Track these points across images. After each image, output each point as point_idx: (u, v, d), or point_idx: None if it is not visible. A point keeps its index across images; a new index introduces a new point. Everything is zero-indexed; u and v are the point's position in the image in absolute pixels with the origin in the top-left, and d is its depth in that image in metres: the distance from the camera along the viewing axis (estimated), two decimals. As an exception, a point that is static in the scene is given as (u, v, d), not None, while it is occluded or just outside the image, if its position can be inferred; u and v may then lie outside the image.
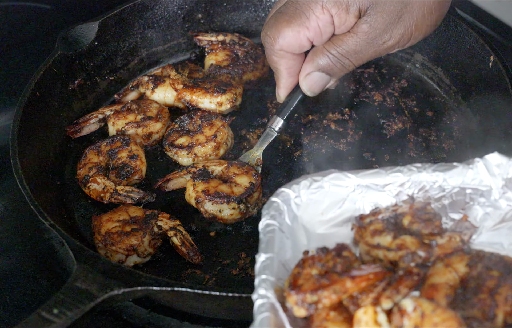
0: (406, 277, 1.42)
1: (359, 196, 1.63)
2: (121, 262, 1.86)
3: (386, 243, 1.53)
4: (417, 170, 1.63)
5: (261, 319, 1.37)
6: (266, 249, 1.49)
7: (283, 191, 1.60)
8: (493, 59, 2.15)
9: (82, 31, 2.30)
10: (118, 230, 1.88)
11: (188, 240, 1.90)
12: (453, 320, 1.32)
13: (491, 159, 1.62)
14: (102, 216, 1.93)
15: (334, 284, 1.40)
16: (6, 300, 1.88)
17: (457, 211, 1.63)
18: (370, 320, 1.35)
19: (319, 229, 1.62)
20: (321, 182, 1.62)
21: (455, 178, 1.62)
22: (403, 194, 1.63)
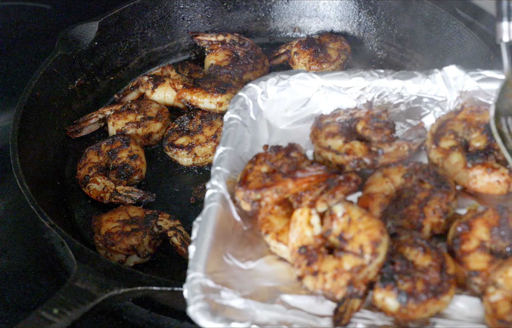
0: (343, 183, 1.48)
1: (322, 96, 1.71)
2: (121, 262, 1.86)
3: (336, 146, 1.61)
4: (378, 76, 1.71)
5: (209, 208, 1.46)
6: (225, 142, 1.57)
7: (250, 86, 1.68)
8: (493, 59, 2.15)
9: (82, 31, 2.30)
10: (118, 230, 1.88)
11: (188, 240, 1.90)
12: (375, 228, 1.39)
13: (449, 71, 1.70)
14: (102, 216, 1.93)
15: (276, 184, 1.48)
16: (6, 300, 1.87)
17: (414, 118, 1.70)
18: (304, 220, 1.43)
19: (282, 125, 1.69)
20: (287, 80, 1.70)
21: (414, 86, 1.70)
22: (363, 98, 1.71)
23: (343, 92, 1.70)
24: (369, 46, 2.50)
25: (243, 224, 1.50)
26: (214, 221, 1.44)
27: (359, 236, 1.39)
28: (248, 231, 1.50)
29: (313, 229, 1.43)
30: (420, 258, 1.41)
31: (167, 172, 2.12)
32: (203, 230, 1.42)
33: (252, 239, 1.49)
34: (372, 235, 1.38)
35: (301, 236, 1.43)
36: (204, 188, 2.06)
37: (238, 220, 1.50)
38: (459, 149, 1.62)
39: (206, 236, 1.41)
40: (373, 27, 2.50)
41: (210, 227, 1.43)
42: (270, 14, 2.57)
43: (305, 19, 2.57)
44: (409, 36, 2.43)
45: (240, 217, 1.50)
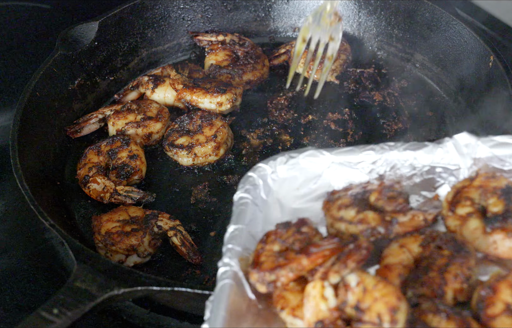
0: (354, 251, 1.43)
1: (333, 172, 1.67)
2: (121, 262, 1.86)
3: (349, 217, 1.57)
4: (389, 148, 1.66)
5: (221, 286, 1.41)
6: (236, 220, 1.53)
7: (260, 166, 1.64)
8: (493, 59, 2.15)
9: (82, 31, 2.30)
10: (118, 230, 1.88)
11: (188, 240, 1.90)
12: (392, 294, 1.34)
13: (460, 139, 1.65)
14: (102, 216, 1.93)
15: (290, 263, 1.43)
16: (6, 300, 1.87)
17: (429, 189, 1.65)
18: (318, 294, 1.38)
19: (294, 204, 1.65)
20: (297, 159, 1.66)
21: (425, 156, 1.65)
22: (375, 171, 1.66)
23: (354, 167, 1.67)
24: (369, 46, 2.50)
25: (258, 302, 1.45)
26: (228, 298, 1.39)
27: (376, 304, 1.33)
28: (264, 309, 1.45)
29: (328, 302, 1.38)
30: (444, 324, 1.35)
31: (167, 172, 2.12)
32: (217, 307, 1.37)
33: (268, 318, 1.44)
34: (389, 302, 1.33)
35: (316, 310, 1.37)
36: (205, 187, 2.07)
37: (252, 298, 1.45)
38: (477, 215, 1.56)
39: (220, 314, 1.36)
40: (373, 27, 2.50)
41: (223, 305, 1.38)
42: (270, 14, 2.57)
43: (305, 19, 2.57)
44: (409, 36, 2.43)
45: (254, 295, 1.45)
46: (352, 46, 2.46)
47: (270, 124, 2.25)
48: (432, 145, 1.66)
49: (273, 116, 2.27)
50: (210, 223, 1.99)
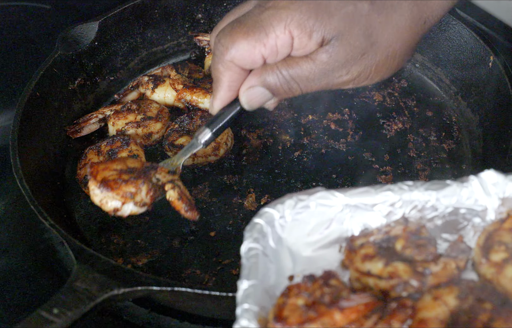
0: (398, 310, 1.34)
1: (347, 216, 1.53)
2: (116, 210, 1.81)
3: (377, 270, 1.45)
4: (409, 189, 1.53)
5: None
6: (249, 275, 1.39)
7: (267, 212, 1.51)
8: (493, 59, 2.15)
9: (82, 31, 2.30)
10: (115, 178, 1.83)
11: (186, 195, 1.86)
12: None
13: (486, 177, 1.53)
14: (99, 165, 1.86)
15: (322, 317, 1.32)
16: (6, 300, 1.87)
17: (450, 232, 1.54)
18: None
19: (305, 251, 1.53)
20: (307, 202, 1.52)
21: (449, 197, 1.53)
22: (393, 214, 1.54)
23: (370, 209, 1.53)
24: (369, 46, 2.50)
25: None
26: None
27: None
28: None
29: None
30: None
31: (167, 172, 2.12)
32: None
33: None
34: None
35: None
36: (205, 187, 2.07)
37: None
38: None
39: None
40: (373, 27, 2.49)
41: None
42: (270, 14, 2.57)
43: (305, 19, 2.56)
44: (409, 36, 2.43)
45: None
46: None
47: (270, 124, 2.25)
48: (456, 184, 1.53)
49: (273, 116, 2.27)
50: (210, 223, 1.99)
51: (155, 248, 1.93)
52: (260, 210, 1.51)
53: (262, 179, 2.06)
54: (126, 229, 1.97)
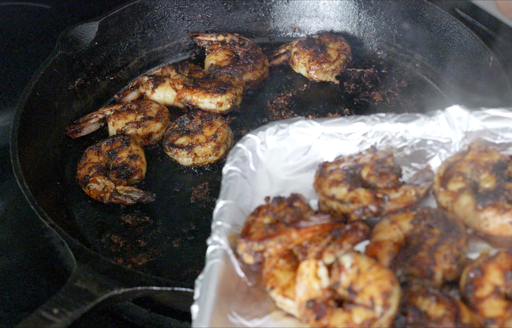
0: (350, 232, 1.43)
1: (323, 144, 1.65)
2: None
3: (340, 195, 1.55)
4: (380, 120, 1.64)
5: (211, 265, 1.40)
6: (225, 195, 1.52)
7: (249, 137, 1.62)
8: (493, 59, 2.15)
9: (82, 31, 2.30)
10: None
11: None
12: (386, 278, 1.33)
13: (452, 112, 1.63)
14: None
15: (279, 234, 1.43)
16: (6, 300, 1.87)
17: (419, 161, 1.64)
18: (311, 273, 1.37)
19: (283, 175, 1.63)
20: (287, 129, 1.64)
21: (417, 128, 1.63)
22: (366, 143, 1.64)
23: (345, 138, 1.64)
24: (369, 46, 2.50)
25: (247, 280, 1.44)
26: (217, 278, 1.38)
27: (369, 287, 1.33)
28: (253, 287, 1.44)
29: (321, 282, 1.37)
30: (433, 308, 1.34)
31: (167, 172, 2.12)
32: (206, 288, 1.37)
33: (257, 296, 1.43)
34: (382, 286, 1.32)
35: (309, 289, 1.37)
36: (205, 187, 2.07)
37: (242, 276, 1.44)
38: (469, 191, 1.54)
39: (210, 295, 1.36)
40: (373, 27, 2.50)
41: (213, 285, 1.37)
42: (270, 14, 2.57)
43: (305, 19, 2.57)
44: (409, 36, 2.43)
45: (244, 273, 1.44)
46: (352, 46, 2.46)
47: (270, 124, 2.25)
48: (424, 117, 1.64)
49: (273, 116, 2.27)
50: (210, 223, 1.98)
51: (155, 248, 1.93)
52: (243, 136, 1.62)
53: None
54: (126, 229, 1.97)
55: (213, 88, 2.23)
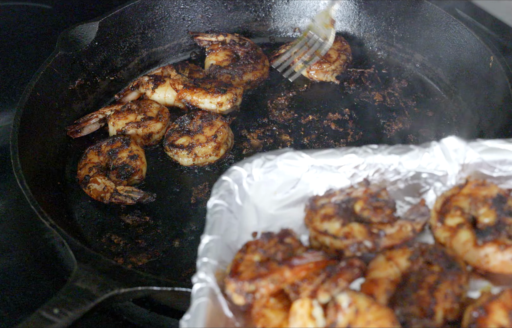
0: (346, 269, 1.37)
1: (313, 176, 1.58)
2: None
3: (333, 230, 1.48)
4: (373, 152, 1.57)
5: (197, 305, 1.34)
6: (211, 230, 1.45)
7: (235, 170, 1.55)
8: (493, 59, 2.15)
9: (82, 31, 2.30)
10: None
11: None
12: (386, 318, 1.28)
13: (448, 143, 1.56)
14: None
15: (272, 273, 1.36)
16: (6, 300, 1.87)
17: (413, 195, 1.57)
18: (306, 313, 1.31)
19: (271, 209, 1.56)
20: (274, 161, 1.57)
21: (411, 161, 1.57)
22: (357, 176, 1.58)
23: (335, 171, 1.57)
24: (369, 46, 2.50)
25: (235, 320, 1.38)
26: (204, 318, 1.33)
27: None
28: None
29: (316, 322, 1.30)
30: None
31: (167, 172, 2.12)
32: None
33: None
34: (383, 326, 1.27)
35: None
36: (205, 187, 2.07)
37: (229, 316, 1.37)
38: (467, 226, 1.48)
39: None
40: (373, 27, 2.50)
41: (200, 325, 1.32)
42: (270, 14, 2.57)
43: (305, 19, 2.57)
44: (409, 36, 2.43)
45: (232, 313, 1.38)
46: (352, 46, 2.46)
47: (270, 124, 2.25)
48: (418, 149, 1.57)
49: (273, 116, 2.27)
50: (210, 223, 1.99)
51: (155, 248, 1.93)
52: (229, 168, 1.56)
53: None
54: (126, 229, 1.97)
55: (213, 89, 2.23)
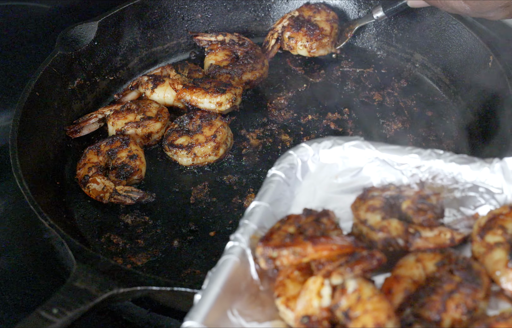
0: (365, 258, 1.39)
1: (375, 169, 1.61)
2: None
3: (372, 221, 1.51)
4: (436, 156, 1.59)
5: (224, 260, 1.39)
6: (261, 197, 1.50)
7: (303, 147, 1.60)
8: (493, 59, 2.15)
9: (82, 31, 2.30)
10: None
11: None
12: (383, 311, 1.29)
13: (509, 162, 1.55)
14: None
15: (295, 245, 1.40)
16: (6, 300, 1.87)
17: (468, 207, 1.57)
18: (315, 289, 1.35)
19: (328, 192, 1.60)
20: (342, 146, 1.61)
21: (470, 172, 1.57)
22: (417, 176, 1.59)
23: (397, 167, 1.60)
24: (369, 46, 2.50)
25: (259, 283, 1.42)
26: (227, 274, 1.37)
27: (365, 316, 1.29)
28: (264, 292, 1.42)
29: (322, 300, 1.34)
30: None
31: (167, 171, 2.12)
32: (213, 281, 1.36)
33: (265, 301, 1.42)
34: (378, 317, 1.28)
35: (308, 304, 1.35)
36: (204, 187, 2.07)
37: (255, 278, 1.42)
38: (505, 247, 1.46)
39: (214, 289, 1.35)
40: (373, 27, 2.50)
41: (220, 280, 1.36)
42: (270, 14, 2.57)
43: (305, 19, 2.57)
44: (409, 36, 2.43)
45: (258, 276, 1.42)
46: (352, 46, 2.46)
47: (270, 124, 2.25)
48: (480, 162, 1.57)
49: (273, 116, 2.27)
50: (210, 223, 1.99)
51: (155, 248, 1.93)
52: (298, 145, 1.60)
53: (262, 179, 2.06)
54: (125, 229, 1.97)
55: (212, 88, 2.23)
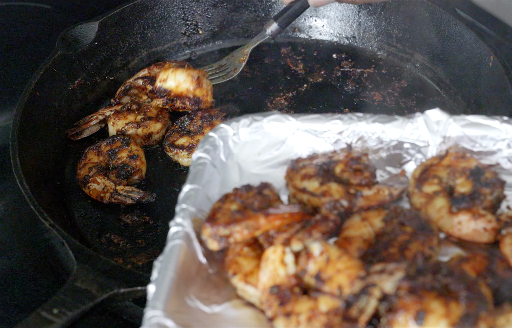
0: (320, 222, 1.41)
1: (297, 140, 1.62)
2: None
3: (312, 188, 1.53)
4: (357, 119, 1.61)
5: (172, 246, 1.37)
6: (193, 180, 1.49)
7: (222, 127, 1.60)
8: (493, 59, 2.15)
9: (82, 31, 2.30)
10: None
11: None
12: (356, 268, 1.31)
13: (431, 115, 1.60)
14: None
15: (247, 220, 1.40)
16: (6, 300, 1.87)
17: (394, 165, 1.61)
18: (277, 259, 1.35)
19: (254, 169, 1.61)
20: (261, 122, 1.62)
21: (394, 130, 1.60)
22: (341, 142, 1.62)
23: (320, 136, 1.61)
24: (369, 46, 2.50)
25: (208, 267, 1.41)
26: (177, 259, 1.35)
27: (338, 276, 1.30)
28: (214, 274, 1.42)
29: (287, 268, 1.34)
30: None
31: (167, 172, 2.12)
32: (165, 268, 1.33)
33: (218, 283, 1.41)
34: (352, 275, 1.29)
35: (274, 275, 1.34)
36: (204, 188, 2.07)
37: (203, 262, 1.41)
38: (444, 194, 1.52)
39: (168, 274, 1.33)
40: (373, 27, 2.50)
41: (172, 266, 1.34)
42: (270, 14, 2.57)
43: (305, 19, 2.57)
44: (409, 36, 2.43)
45: (206, 259, 1.41)
46: (352, 46, 2.46)
47: (270, 124, 2.25)
48: (402, 119, 1.61)
49: (273, 116, 2.27)
50: (210, 223, 1.98)
51: (155, 248, 1.93)
52: (217, 126, 1.61)
53: (262, 179, 2.06)
54: (126, 229, 1.97)
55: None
